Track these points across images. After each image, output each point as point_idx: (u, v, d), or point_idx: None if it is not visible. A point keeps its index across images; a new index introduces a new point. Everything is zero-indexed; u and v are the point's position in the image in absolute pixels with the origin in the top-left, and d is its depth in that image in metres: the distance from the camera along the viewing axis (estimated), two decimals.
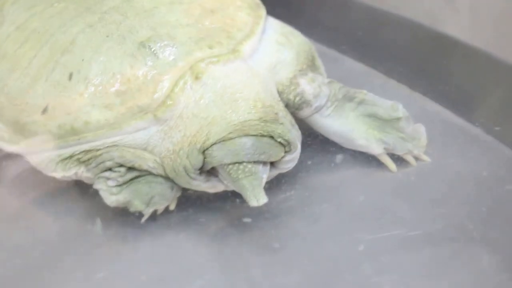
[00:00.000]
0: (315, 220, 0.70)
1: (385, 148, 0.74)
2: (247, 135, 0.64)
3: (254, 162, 0.65)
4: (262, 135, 0.65)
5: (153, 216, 0.69)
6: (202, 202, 0.72)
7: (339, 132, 0.74)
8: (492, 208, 0.71)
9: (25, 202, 0.75)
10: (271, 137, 0.65)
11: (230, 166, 0.64)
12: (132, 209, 0.67)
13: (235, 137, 0.64)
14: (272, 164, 0.67)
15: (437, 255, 0.66)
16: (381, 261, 0.65)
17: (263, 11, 0.76)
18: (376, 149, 0.74)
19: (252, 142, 0.64)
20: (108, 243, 0.69)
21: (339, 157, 0.77)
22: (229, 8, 0.73)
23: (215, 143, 0.64)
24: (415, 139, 0.75)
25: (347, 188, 0.74)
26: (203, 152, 0.64)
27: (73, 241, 0.70)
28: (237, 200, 0.71)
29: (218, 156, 0.64)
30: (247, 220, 0.70)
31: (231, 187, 0.66)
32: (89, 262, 0.67)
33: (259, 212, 0.70)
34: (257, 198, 0.63)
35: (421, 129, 0.75)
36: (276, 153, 0.66)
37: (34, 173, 0.73)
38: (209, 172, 0.67)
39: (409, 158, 0.75)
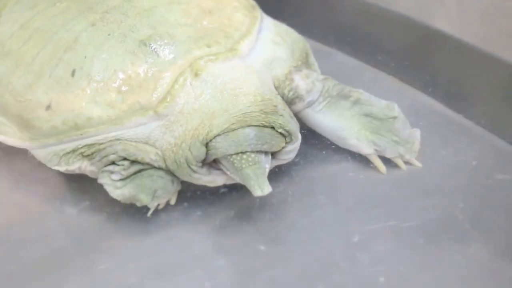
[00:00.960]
0: (310, 212, 0.71)
1: (375, 150, 0.74)
2: (249, 125, 0.66)
3: (257, 152, 0.66)
4: (264, 126, 0.66)
5: (155, 211, 0.70)
6: (199, 196, 0.73)
7: (330, 128, 0.75)
8: (483, 197, 0.72)
9: (28, 195, 0.75)
10: (272, 127, 0.67)
11: (234, 156, 0.65)
12: (138, 204, 0.68)
13: (238, 128, 0.65)
14: (273, 155, 0.69)
15: (431, 245, 0.67)
16: (375, 251, 0.66)
17: (258, 12, 0.77)
18: (366, 150, 0.74)
19: (255, 133, 0.66)
20: (112, 237, 0.70)
21: (333, 150, 0.77)
22: (226, 8, 0.74)
23: (218, 135, 0.65)
24: (409, 143, 0.75)
25: (341, 180, 0.75)
26: (206, 144, 0.65)
27: (77, 233, 0.70)
28: (233, 194, 0.72)
29: (222, 147, 0.65)
30: (242, 213, 0.71)
31: (234, 178, 0.67)
32: (92, 254, 0.68)
33: (255, 205, 0.71)
34: (261, 187, 0.63)
35: (416, 133, 0.76)
36: (277, 143, 0.67)
37: (37, 166, 0.74)
38: (210, 165, 0.68)
39: (399, 162, 0.75)
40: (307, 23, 1.00)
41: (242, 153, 0.65)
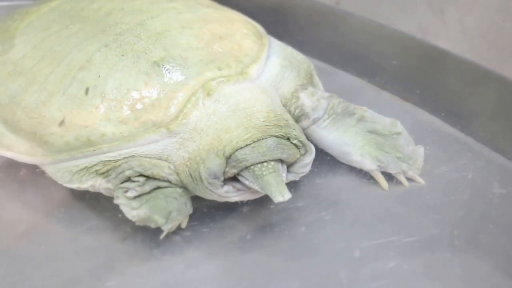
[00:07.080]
0: (314, 228, 0.72)
1: (378, 166, 0.75)
2: (270, 136, 0.67)
3: (276, 160, 0.67)
4: (282, 136, 0.68)
5: (167, 234, 0.70)
6: (206, 214, 0.73)
7: (334, 144, 0.77)
8: (484, 213, 0.73)
9: (37, 214, 0.75)
10: (288, 139, 0.68)
11: (254, 165, 0.66)
12: (153, 225, 0.68)
13: (261, 138, 0.67)
14: (291, 169, 0.70)
15: (432, 260, 0.68)
16: (377, 266, 0.67)
17: (266, 39, 0.79)
18: (369, 166, 0.76)
19: (276, 144, 0.67)
20: (119, 255, 0.70)
21: (337, 167, 0.78)
22: (236, 34, 0.76)
23: (243, 147, 0.66)
24: (412, 159, 0.76)
25: (344, 196, 0.76)
26: (228, 157, 0.66)
27: (85, 252, 0.71)
28: (242, 212, 0.73)
29: (252, 158, 0.66)
30: (249, 230, 0.72)
31: (253, 188, 0.67)
32: (100, 272, 0.68)
33: (261, 222, 0.72)
34: (282, 193, 0.64)
35: (419, 150, 0.77)
36: (294, 153, 0.68)
37: (47, 184, 0.75)
38: (227, 181, 0.68)
39: (402, 178, 0.76)
40: (311, 42, 1.02)
41: (262, 162, 0.66)
